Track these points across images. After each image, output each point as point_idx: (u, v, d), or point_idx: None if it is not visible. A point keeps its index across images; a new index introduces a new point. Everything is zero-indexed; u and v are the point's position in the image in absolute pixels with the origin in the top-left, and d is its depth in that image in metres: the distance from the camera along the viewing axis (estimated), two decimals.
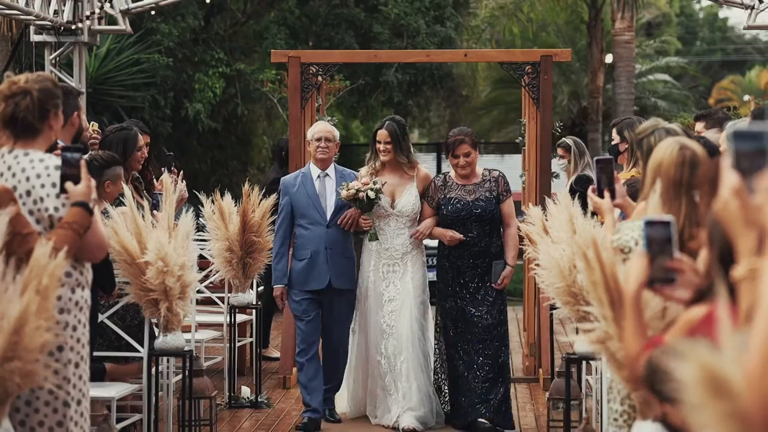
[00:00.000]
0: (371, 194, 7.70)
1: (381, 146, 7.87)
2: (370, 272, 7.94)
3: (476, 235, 7.83)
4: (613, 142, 7.62)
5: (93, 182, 4.56)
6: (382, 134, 7.88)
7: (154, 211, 6.99)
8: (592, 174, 9.52)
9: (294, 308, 7.98)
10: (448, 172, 8.01)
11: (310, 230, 7.87)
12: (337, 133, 8.07)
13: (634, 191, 5.42)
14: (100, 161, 6.73)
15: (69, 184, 4.36)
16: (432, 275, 8.28)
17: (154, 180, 8.17)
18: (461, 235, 7.79)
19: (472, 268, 7.84)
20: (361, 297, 7.99)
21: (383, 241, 7.90)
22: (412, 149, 8.02)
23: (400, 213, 7.89)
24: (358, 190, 7.71)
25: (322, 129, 8.01)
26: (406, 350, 7.73)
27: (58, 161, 4.43)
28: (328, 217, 7.87)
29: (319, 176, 7.95)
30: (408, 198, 7.90)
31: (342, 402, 8.20)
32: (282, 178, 8.21)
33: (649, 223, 3.20)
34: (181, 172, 8.48)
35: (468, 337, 7.79)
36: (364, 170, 7.98)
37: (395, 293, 7.85)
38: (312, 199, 7.87)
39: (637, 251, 3.39)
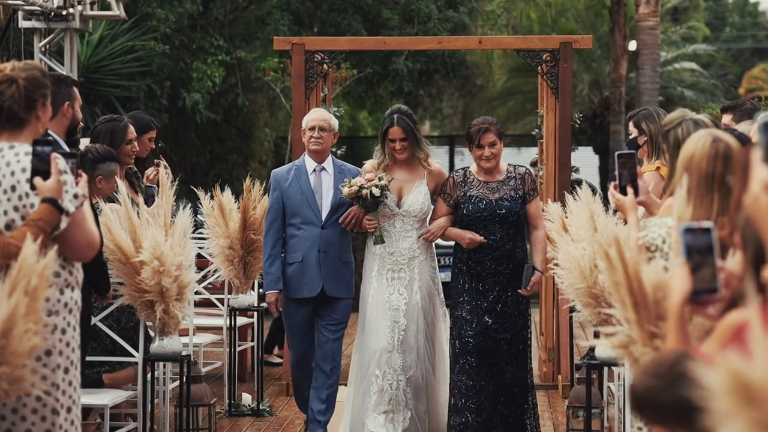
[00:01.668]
0: (376, 192, 7.27)
1: (396, 145, 7.40)
2: (372, 278, 7.50)
3: (499, 237, 7.35)
4: (630, 136, 7.58)
5: (84, 177, 4.56)
6: (396, 132, 7.40)
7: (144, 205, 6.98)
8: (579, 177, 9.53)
9: (286, 321, 7.65)
10: (468, 168, 7.52)
11: (302, 230, 7.45)
12: (335, 122, 7.65)
13: None
14: (95, 154, 6.71)
15: (37, 180, 4.34)
16: (444, 275, 7.81)
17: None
18: (482, 237, 7.32)
19: (494, 275, 7.35)
20: (364, 305, 7.53)
21: (388, 245, 7.46)
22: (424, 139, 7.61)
23: (407, 213, 7.46)
24: (361, 187, 7.28)
25: (316, 117, 7.58)
26: (410, 370, 7.36)
27: None
28: (324, 217, 7.45)
29: (314, 170, 7.52)
30: (416, 196, 7.47)
31: (342, 425, 7.67)
32: (273, 170, 7.75)
33: (688, 231, 3.12)
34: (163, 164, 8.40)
35: (483, 354, 7.32)
36: (369, 164, 7.55)
37: (400, 302, 7.43)
38: (306, 195, 7.46)
39: (674, 261, 3.35)
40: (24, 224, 4.30)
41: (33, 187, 4.35)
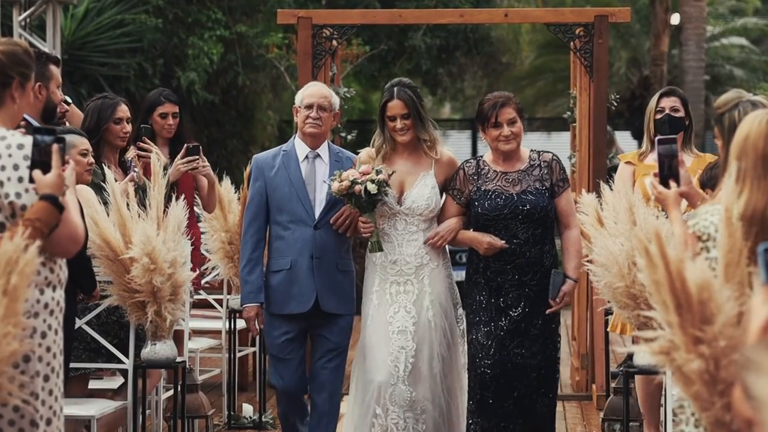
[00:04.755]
0: (371, 188, 6.56)
1: (397, 123, 6.75)
2: (373, 294, 6.84)
3: (523, 241, 6.67)
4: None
5: (71, 164, 4.54)
6: (396, 106, 6.74)
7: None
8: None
9: (270, 343, 6.94)
10: (482, 157, 6.90)
11: (291, 231, 6.78)
12: (336, 100, 6.95)
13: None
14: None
15: (37, 173, 4.28)
16: (458, 275, 7.11)
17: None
18: (503, 242, 6.66)
19: (518, 288, 6.68)
20: (364, 327, 6.88)
21: (389, 251, 6.81)
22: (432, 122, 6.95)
23: (410, 211, 6.79)
24: (353, 182, 6.57)
25: (314, 92, 6.89)
26: (420, 403, 6.69)
27: (23, 140, 4.40)
28: (317, 215, 6.77)
29: (307, 157, 6.85)
30: (421, 190, 6.80)
31: None
32: (255, 156, 7.13)
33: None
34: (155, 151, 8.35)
35: (503, 381, 6.67)
36: (365, 153, 6.94)
37: (407, 323, 6.75)
38: (296, 187, 6.79)
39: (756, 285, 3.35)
40: (20, 224, 4.26)
41: (32, 181, 4.32)
